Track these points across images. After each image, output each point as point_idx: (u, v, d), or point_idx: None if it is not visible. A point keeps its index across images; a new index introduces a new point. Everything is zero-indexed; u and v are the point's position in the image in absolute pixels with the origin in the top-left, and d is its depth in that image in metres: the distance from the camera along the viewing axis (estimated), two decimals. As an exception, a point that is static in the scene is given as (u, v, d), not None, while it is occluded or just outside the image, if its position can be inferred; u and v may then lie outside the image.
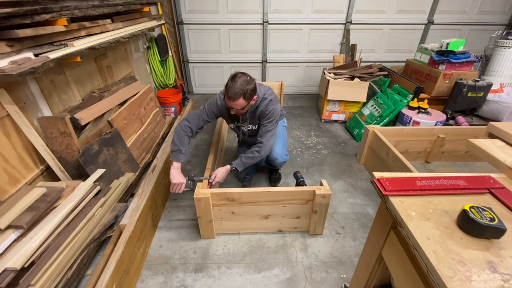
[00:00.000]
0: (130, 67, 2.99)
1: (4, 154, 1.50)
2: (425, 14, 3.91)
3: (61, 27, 1.69)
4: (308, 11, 3.83)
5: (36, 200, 1.38)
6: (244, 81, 1.60)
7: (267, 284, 1.54)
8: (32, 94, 1.68)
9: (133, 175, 2.09)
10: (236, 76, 1.61)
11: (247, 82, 1.61)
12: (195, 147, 2.91)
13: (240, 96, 1.59)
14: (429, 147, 2.56)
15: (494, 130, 1.05)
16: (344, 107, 3.35)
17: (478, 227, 0.62)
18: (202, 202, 1.61)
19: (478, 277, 0.55)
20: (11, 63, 1.35)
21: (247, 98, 1.63)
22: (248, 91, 1.61)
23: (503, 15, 3.98)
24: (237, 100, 1.60)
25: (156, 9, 3.44)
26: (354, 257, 1.70)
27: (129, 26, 2.47)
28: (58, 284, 1.29)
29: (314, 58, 4.19)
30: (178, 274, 1.60)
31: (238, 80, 1.59)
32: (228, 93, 1.60)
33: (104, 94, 2.21)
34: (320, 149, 2.87)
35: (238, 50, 4.13)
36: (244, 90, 1.59)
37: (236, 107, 1.66)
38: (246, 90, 1.59)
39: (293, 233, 1.86)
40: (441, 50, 2.99)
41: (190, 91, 4.53)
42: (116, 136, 2.05)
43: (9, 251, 1.19)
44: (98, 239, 1.57)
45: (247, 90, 1.60)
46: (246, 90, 1.59)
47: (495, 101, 2.92)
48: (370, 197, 2.19)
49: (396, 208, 0.71)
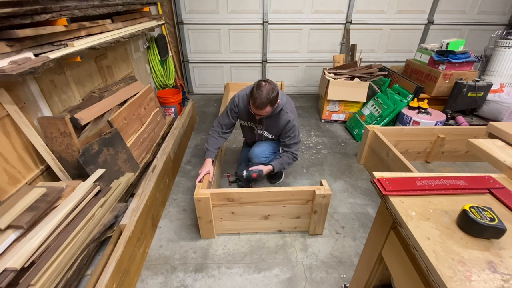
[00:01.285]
0: (130, 67, 2.99)
1: (4, 154, 1.50)
2: (425, 14, 3.91)
3: (61, 27, 1.69)
4: (308, 11, 3.84)
5: (36, 200, 1.38)
6: (269, 90, 1.68)
7: (267, 284, 1.54)
8: (32, 94, 1.68)
9: (133, 175, 2.09)
10: (261, 85, 1.69)
11: (272, 89, 1.69)
12: (195, 147, 2.91)
13: (267, 105, 1.70)
14: (429, 147, 2.56)
15: (494, 130, 1.05)
16: (344, 107, 3.35)
17: (478, 227, 0.62)
18: (202, 202, 1.61)
19: (478, 277, 0.55)
20: (11, 63, 1.35)
21: (273, 104, 1.75)
22: (273, 98, 1.71)
23: (503, 15, 3.98)
24: (264, 108, 1.72)
25: (156, 9, 3.44)
26: (354, 257, 1.70)
27: (129, 26, 2.47)
28: (58, 284, 1.29)
29: (314, 58, 4.19)
30: (178, 274, 1.60)
31: (263, 90, 1.67)
32: (256, 103, 1.69)
33: (104, 94, 2.21)
34: (320, 149, 2.87)
35: (238, 50, 4.13)
36: (270, 99, 1.69)
37: (263, 114, 1.79)
38: (272, 98, 1.70)
39: (293, 233, 1.86)
40: (441, 50, 2.99)
41: (190, 91, 4.53)
42: (116, 136, 2.05)
43: (9, 251, 1.19)
44: (98, 239, 1.57)
45: (273, 98, 1.70)
46: (272, 98, 1.69)
47: (495, 101, 2.92)
48: (370, 197, 2.19)
49: (396, 208, 0.71)
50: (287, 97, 1.98)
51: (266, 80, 1.72)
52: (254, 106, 1.72)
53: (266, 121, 1.96)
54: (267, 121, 1.95)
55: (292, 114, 1.92)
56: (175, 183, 2.35)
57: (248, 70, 4.30)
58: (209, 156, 1.96)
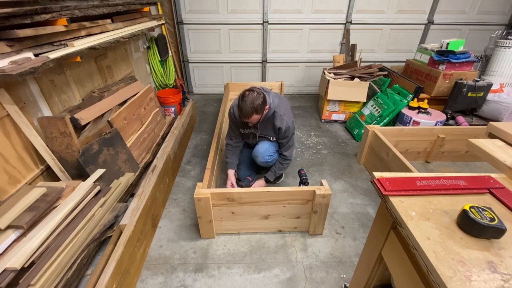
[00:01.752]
0: (130, 67, 2.99)
1: (4, 154, 1.50)
2: (425, 14, 3.91)
3: (61, 27, 1.69)
4: (308, 11, 3.83)
5: (36, 200, 1.38)
6: (252, 99, 1.74)
7: (267, 284, 1.54)
8: (32, 94, 1.68)
9: (133, 175, 2.09)
10: (244, 95, 1.77)
11: (255, 98, 1.75)
12: (195, 147, 2.91)
13: (253, 113, 1.77)
14: (429, 147, 2.56)
15: (494, 130, 1.05)
16: (344, 107, 3.34)
17: (478, 227, 0.62)
18: (202, 202, 1.61)
19: (478, 277, 0.55)
20: (11, 63, 1.35)
21: (259, 112, 1.79)
22: (259, 106, 1.76)
23: (503, 15, 3.98)
24: (251, 117, 1.79)
25: (156, 9, 3.43)
26: (354, 257, 1.70)
27: (129, 26, 2.47)
28: (58, 284, 1.29)
29: (314, 58, 4.19)
30: (178, 274, 1.60)
31: (247, 100, 1.74)
32: (242, 113, 1.78)
33: (104, 94, 2.21)
34: (320, 149, 2.87)
35: (238, 50, 4.13)
36: (255, 107, 1.74)
37: (252, 121, 1.87)
38: (257, 106, 1.75)
39: (293, 233, 1.86)
40: (441, 50, 2.99)
41: (190, 91, 4.53)
42: (116, 136, 2.05)
43: (9, 251, 1.19)
44: (98, 239, 1.57)
45: (258, 106, 1.75)
46: (257, 106, 1.75)
47: (495, 101, 2.92)
48: (370, 197, 2.19)
49: (396, 208, 0.71)
50: (280, 98, 2.02)
51: (251, 89, 1.79)
52: (242, 116, 1.82)
53: (261, 126, 2.03)
54: (261, 125, 2.03)
55: (286, 116, 1.96)
56: (175, 183, 2.35)
57: (248, 70, 4.30)
58: (230, 167, 2.14)
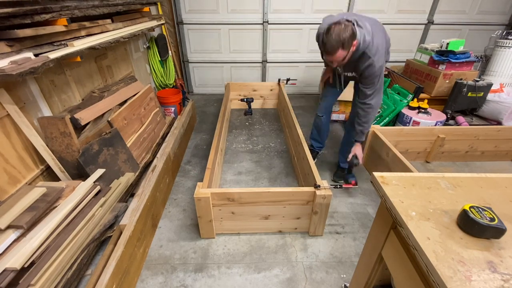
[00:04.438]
0: (130, 67, 2.99)
1: (4, 154, 1.50)
2: (425, 14, 3.91)
3: (61, 27, 1.69)
4: (308, 11, 3.83)
5: (36, 200, 1.38)
6: (339, 30, 1.48)
7: (267, 284, 1.54)
8: (32, 94, 1.68)
9: (133, 175, 2.09)
10: (330, 29, 1.50)
11: (343, 30, 1.48)
12: (195, 147, 2.91)
13: (338, 48, 1.51)
14: (429, 147, 2.56)
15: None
16: (344, 107, 3.34)
17: (478, 227, 0.62)
18: (202, 202, 1.61)
19: (478, 277, 0.55)
20: (11, 63, 1.35)
21: (346, 47, 1.52)
22: (346, 39, 1.49)
23: (503, 15, 3.98)
24: (336, 53, 1.52)
25: (156, 9, 3.44)
26: (354, 257, 1.70)
27: (129, 26, 2.47)
28: (58, 284, 1.29)
29: (314, 58, 4.18)
30: (178, 274, 1.60)
31: (332, 32, 1.49)
32: (326, 49, 1.53)
33: (104, 94, 2.21)
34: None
35: (238, 50, 4.13)
36: (341, 41, 1.48)
37: (336, 60, 1.58)
38: (344, 39, 1.48)
39: (293, 233, 1.86)
40: (441, 50, 2.98)
41: (190, 91, 4.53)
42: (116, 136, 2.05)
43: (9, 251, 1.19)
44: (98, 239, 1.57)
45: (345, 39, 1.49)
46: (343, 40, 1.48)
47: (495, 101, 2.91)
48: (370, 197, 2.19)
49: (396, 208, 0.71)
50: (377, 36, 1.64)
51: (338, 22, 1.50)
52: (325, 54, 1.56)
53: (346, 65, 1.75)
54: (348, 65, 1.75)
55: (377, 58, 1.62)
56: (175, 183, 2.35)
57: (248, 70, 4.30)
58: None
